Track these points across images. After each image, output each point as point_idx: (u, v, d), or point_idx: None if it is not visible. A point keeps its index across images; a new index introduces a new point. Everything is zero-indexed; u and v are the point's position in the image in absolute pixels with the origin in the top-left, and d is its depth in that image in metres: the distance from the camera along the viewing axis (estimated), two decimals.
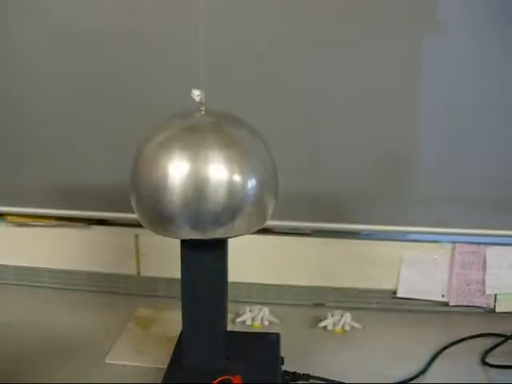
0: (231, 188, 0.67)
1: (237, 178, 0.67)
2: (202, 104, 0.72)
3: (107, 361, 1.02)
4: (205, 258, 0.76)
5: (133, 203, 0.72)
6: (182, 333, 0.84)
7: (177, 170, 0.66)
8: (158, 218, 0.69)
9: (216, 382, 0.76)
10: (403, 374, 0.98)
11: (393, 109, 1.10)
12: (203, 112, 0.72)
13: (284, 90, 1.10)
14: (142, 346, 1.06)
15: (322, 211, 1.17)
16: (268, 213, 0.73)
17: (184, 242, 0.75)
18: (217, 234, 0.69)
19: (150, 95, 1.12)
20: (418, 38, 1.06)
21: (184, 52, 0.80)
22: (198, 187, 0.66)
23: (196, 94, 0.72)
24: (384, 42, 1.06)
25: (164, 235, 0.70)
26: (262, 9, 1.06)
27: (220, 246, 0.76)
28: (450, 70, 1.06)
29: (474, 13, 1.02)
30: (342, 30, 1.06)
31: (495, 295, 1.19)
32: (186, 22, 0.86)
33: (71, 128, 1.18)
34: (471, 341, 1.09)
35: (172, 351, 0.89)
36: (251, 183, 0.68)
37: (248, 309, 1.16)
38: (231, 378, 0.76)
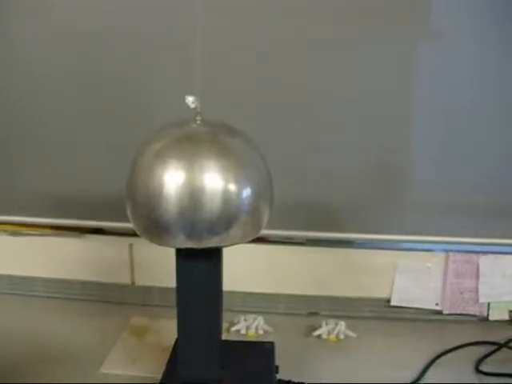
0: (226, 197, 0.67)
1: (232, 187, 0.67)
2: (197, 113, 0.72)
3: (102, 370, 1.02)
4: (200, 266, 0.76)
5: (128, 212, 0.72)
6: (176, 341, 0.84)
7: (172, 179, 0.66)
8: (154, 226, 0.69)
9: None
10: (397, 382, 0.98)
11: (386, 119, 1.10)
12: (199, 122, 0.72)
13: (278, 99, 1.10)
14: (137, 355, 1.06)
15: (315, 220, 1.18)
16: (263, 222, 0.73)
17: (179, 251, 0.75)
18: (212, 242, 0.69)
19: (150, 96, 1.13)
20: (416, 39, 1.07)
21: (184, 52, 0.80)
22: (193, 196, 0.66)
23: (190, 100, 0.72)
24: (382, 43, 1.06)
25: (159, 244, 0.70)
26: (261, 9, 1.07)
27: (215, 254, 0.76)
28: (447, 78, 1.07)
29: (473, 14, 1.03)
30: (341, 31, 1.06)
31: (488, 304, 1.19)
32: (186, 22, 0.86)
33: (66, 137, 1.19)
34: (465, 349, 1.10)
35: (167, 360, 0.89)
36: (246, 192, 0.68)
37: (242, 318, 1.16)
38: None
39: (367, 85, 1.09)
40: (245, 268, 1.20)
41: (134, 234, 1.22)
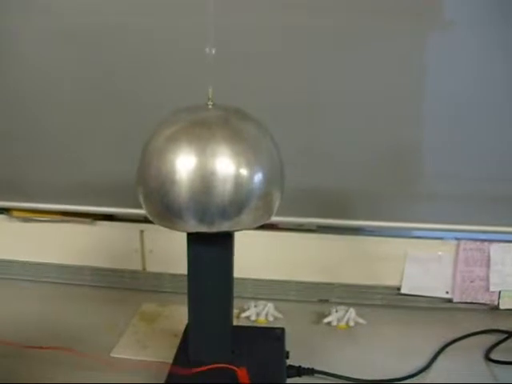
0: (238, 182, 0.67)
1: (244, 171, 0.67)
2: (209, 98, 0.72)
3: (112, 355, 1.03)
4: (211, 251, 0.76)
5: (140, 196, 0.73)
6: (187, 326, 0.85)
7: (184, 163, 0.67)
8: (166, 211, 0.69)
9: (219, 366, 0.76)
10: (407, 370, 0.98)
11: (398, 105, 1.10)
12: (211, 106, 0.73)
13: (289, 86, 1.10)
14: (148, 341, 1.07)
15: (326, 207, 1.18)
16: (274, 207, 0.74)
17: (191, 236, 0.76)
18: (223, 227, 0.69)
19: (158, 91, 1.13)
20: (424, 32, 1.06)
21: (193, 45, 0.80)
22: (205, 181, 0.66)
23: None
24: (390, 37, 1.06)
25: (171, 228, 0.71)
26: (266, 6, 1.06)
27: (226, 239, 0.77)
28: (456, 66, 1.06)
29: (482, 7, 1.02)
30: (352, 22, 1.06)
31: (499, 292, 1.19)
32: (193, 18, 0.86)
33: (77, 123, 1.19)
34: (475, 337, 1.10)
35: (177, 345, 0.89)
36: (258, 177, 0.69)
37: (253, 304, 1.16)
38: (236, 369, 0.76)
39: (379, 74, 1.08)
40: (255, 255, 1.20)
41: (145, 221, 1.25)
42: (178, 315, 1.14)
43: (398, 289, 1.21)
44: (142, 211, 0.75)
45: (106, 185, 1.22)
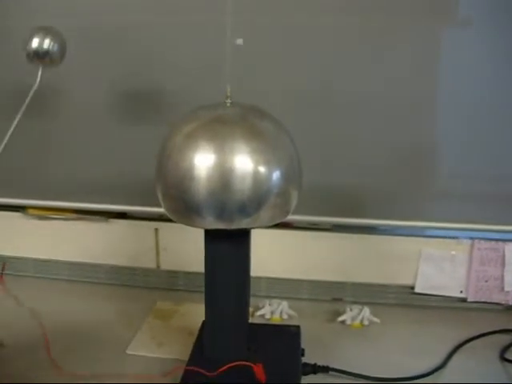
0: (256, 179, 0.68)
1: (262, 169, 0.68)
2: (227, 96, 0.73)
3: (128, 352, 1.03)
4: (228, 248, 0.77)
5: (159, 193, 0.73)
6: (203, 323, 0.85)
7: (203, 160, 0.67)
8: (185, 208, 0.70)
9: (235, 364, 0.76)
10: (421, 369, 0.98)
11: (413, 105, 1.10)
12: (229, 104, 0.73)
13: (305, 85, 1.10)
14: (163, 338, 1.07)
15: (341, 206, 1.18)
16: (292, 204, 0.74)
17: (208, 232, 0.76)
18: (242, 224, 0.69)
19: (175, 89, 1.13)
20: (440, 31, 1.06)
21: (210, 46, 0.80)
22: (224, 178, 0.67)
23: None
24: (405, 37, 1.06)
25: (189, 225, 0.71)
26: (285, 4, 1.07)
27: (243, 236, 0.77)
28: (472, 66, 1.06)
29: (498, 6, 1.02)
30: (367, 20, 1.06)
31: None
32: (212, 17, 0.87)
33: (92, 121, 1.20)
34: (489, 337, 1.09)
35: (193, 342, 0.90)
36: (276, 175, 0.69)
37: (267, 303, 1.16)
38: (252, 365, 0.76)
39: (393, 73, 1.08)
40: (270, 253, 1.20)
41: (159, 219, 1.25)
42: (193, 313, 1.14)
43: (412, 288, 1.21)
44: (156, 209, 0.75)
45: (120, 183, 1.23)
